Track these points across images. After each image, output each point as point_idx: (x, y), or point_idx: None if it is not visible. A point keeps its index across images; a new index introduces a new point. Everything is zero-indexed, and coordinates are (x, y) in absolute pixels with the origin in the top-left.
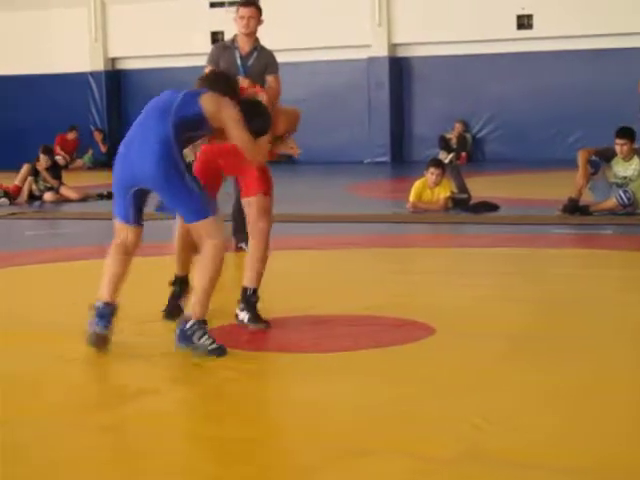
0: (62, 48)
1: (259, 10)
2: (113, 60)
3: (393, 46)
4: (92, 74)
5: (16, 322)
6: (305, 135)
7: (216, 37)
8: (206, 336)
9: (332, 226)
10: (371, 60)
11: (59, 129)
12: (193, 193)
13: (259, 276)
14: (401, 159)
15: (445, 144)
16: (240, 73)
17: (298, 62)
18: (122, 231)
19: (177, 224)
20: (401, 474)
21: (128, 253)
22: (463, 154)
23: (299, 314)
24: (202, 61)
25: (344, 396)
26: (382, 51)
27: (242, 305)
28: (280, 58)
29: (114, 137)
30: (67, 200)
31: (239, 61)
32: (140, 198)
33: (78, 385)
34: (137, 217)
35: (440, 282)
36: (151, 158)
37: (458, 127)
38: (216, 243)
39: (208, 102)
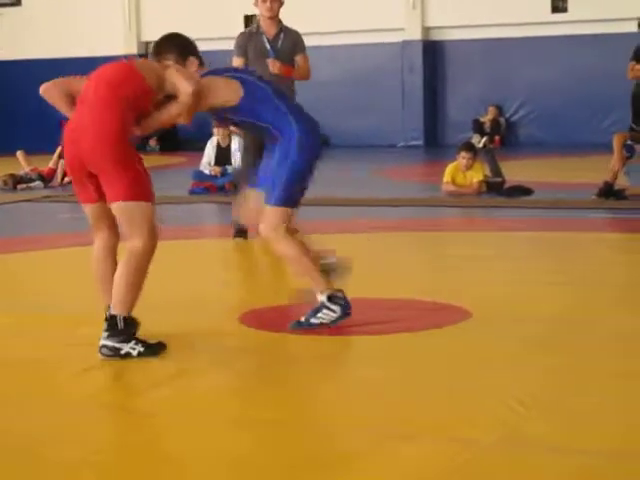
0: (96, 31)
1: None
2: (147, 43)
3: (427, 29)
4: (126, 57)
5: (52, 305)
6: (338, 118)
7: (249, 21)
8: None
9: (365, 209)
10: (405, 43)
11: None
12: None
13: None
14: (435, 143)
15: (479, 128)
16: (270, 55)
17: (332, 45)
18: None
19: None
20: (442, 458)
21: None
22: (497, 138)
23: None
24: (232, 44)
25: (382, 380)
26: (416, 34)
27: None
28: (313, 41)
29: None
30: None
31: (268, 45)
32: None
33: (117, 368)
34: None
35: (475, 266)
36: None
37: (492, 111)
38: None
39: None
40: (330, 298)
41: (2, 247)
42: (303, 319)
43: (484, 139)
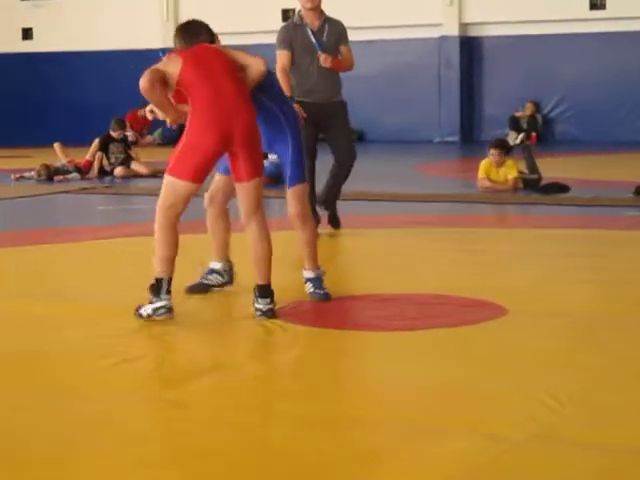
0: (134, 24)
1: None
2: None
3: (464, 25)
4: (164, 51)
5: (88, 296)
6: (375, 113)
7: (287, 15)
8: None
9: (401, 205)
10: (442, 39)
11: (130, 106)
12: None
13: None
14: (471, 139)
15: (515, 124)
16: (317, 49)
17: (369, 40)
18: None
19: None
20: (474, 454)
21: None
22: (533, 134)
23: (369, 293)
24: (273, 39)
25: (416, 375)
26: (453, 30)
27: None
28: (351, 36)
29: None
30: (137, 175)
31: (312, 38)
32: None
33: (153, 359)
34: None
35: (510, 263)
36: None
37: (529, 107)
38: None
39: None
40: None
41: (39, 238)
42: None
43: (521, 135)
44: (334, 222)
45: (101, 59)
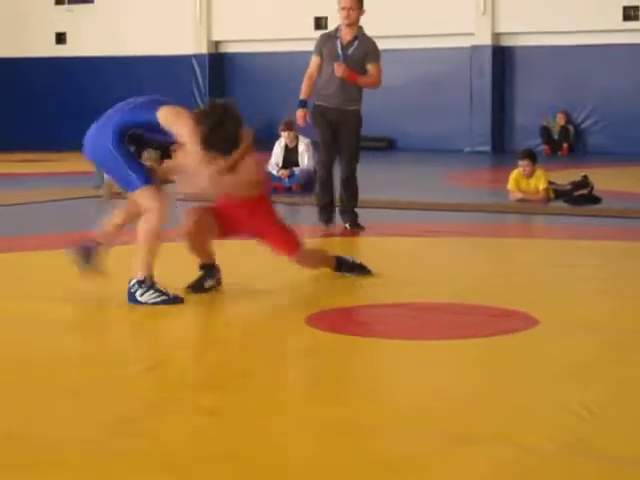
0: (167, 30)
1: (360, 1)
2: (216, 43)
3: (497, 35)
4: (196, 57)
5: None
6: (406, 122)
7: (319, 22)
8: (149, 292)
9: (432, 214)
10: (474, 48)
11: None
12: (125, 167)
13: None
14: (502, 149)
15: (546, 134)
16: (339, 59)
17: (401, 49)
18: None
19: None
20: (506, 464)
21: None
22: (565, 145)
23: (400, 301)
24: (305, 46)
25: (447, 384)
26: (485, 40)
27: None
28: (383, 45)
29: None
30: (168, 182)
31: (340, 50)
32: None
33: (183, 364)
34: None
35: (541, 273)
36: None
37: (560, 118)
38: (149, 208)
39: (163, 116)
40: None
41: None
42: None
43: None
44: (354, 226)
45: (133, 64)
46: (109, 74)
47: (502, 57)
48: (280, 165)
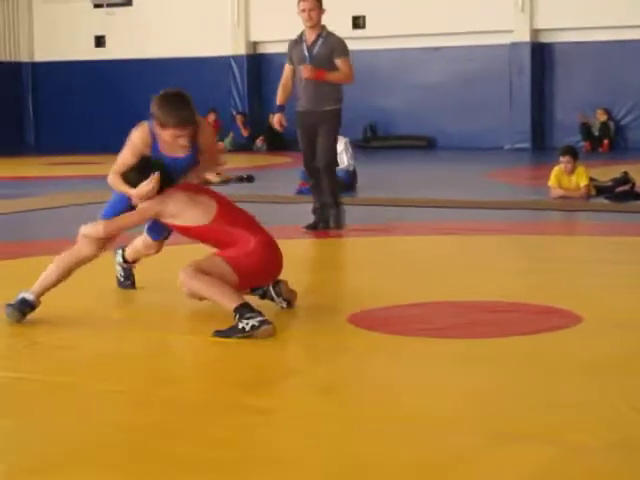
0: (205, 31)
1: (319, 0)
2: (255, 44)
3: (535, 31)
4: (234, 58)
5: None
6: (445, 120)
7: (357, 22)
8: None
9: (472, 212)
10: (513, 45)
11: (201, 112)
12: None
13: None
14: (542, 145)
15: (587, 131)
16: (306, 61)
17: (439, 47)
18: None
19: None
20: (551, 461)
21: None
22: (605, 141)
23: (441, 299)
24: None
25: (491, 382)
26: (524, 36)
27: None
28: (421, 43)
29: (255, 121)
30: (208, 182)
31: (306, 52)
32: None
33: (229, 364)
34: None
35: (584, 270)
36: None
37: (601, 114)
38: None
39: None
40: None
41: None
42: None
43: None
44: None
45: (171, 66)
46: (147, 76)
47: (541, 54)
48: None
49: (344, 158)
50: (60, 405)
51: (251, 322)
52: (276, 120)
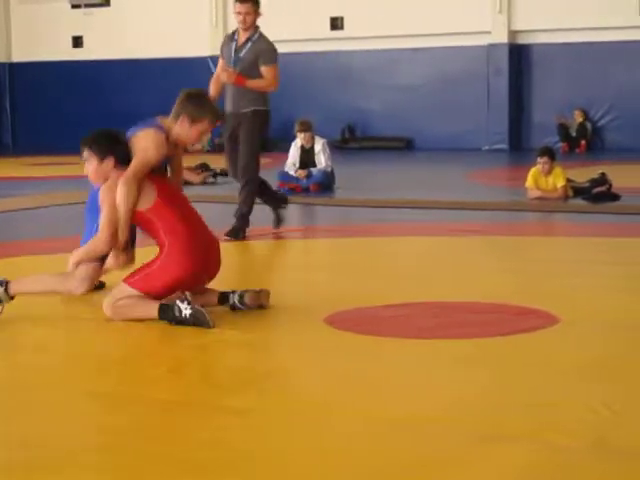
0: (183, 32)
1: (256, 4)
2: None
3: (513, 33)
4: (212, 58)
5: None
6: (423, 121)
7: (336, 23)
8: None
9: (450, 213)
10: (491, 47)
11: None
12: None
13: None
14: (520, 146)
15: (564, 132)
16: (231, 63)
17: (417, 48)
18: None
19: None
20: (533, 462)
21: None
22: (582, 142)
23: (420, 300)
24: (321, 47)
25: (470, 383)
26: (502, 38)
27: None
28: (399, 44)
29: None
30: (188, 183)
31: (233, 53)
32: None
33: (204, 367)
34: None
35: (560, 271)
36: None
37: (578, 115)
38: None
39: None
40: None
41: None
42: None
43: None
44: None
45: (150, 66)
46: (125, 77)
47: (519, 55)
48: (297, 166)
49: (322, 159)
50: (40, 407)
51: (184, 312)
52: None
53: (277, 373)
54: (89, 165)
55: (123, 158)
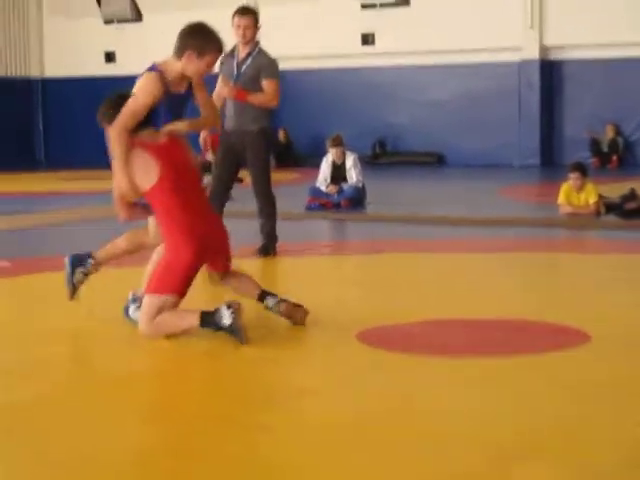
0: None
1: (256, 18)
2: None
3: (545, 48)
4: None
5: None
6: (455, 136)
7: (367, 39)
8: None
9: (482, 229)
10: (522, 62)
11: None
12: None
13: None
14: (551, 162)
15: (596, 147)
16: (232, 79)
17: (449, 64)
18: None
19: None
20: None
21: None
22: (614, 157)
23: (451, 317)
24: (353, 62)
25: (502, 401)
26: (533, 53)
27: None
28: (431, 60)
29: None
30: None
31: (235, 69)
32: None
33: (236, 383)
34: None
35: (592, 288)
36: None
37: (610, 130)
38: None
39: None
40: None
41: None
42: None
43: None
44: (262, 251)
45: None
46: None
47: (550, 70)
48: (328, 181)
49: (353, 174)
50: (69, 425)
51: (224, 320)
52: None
53: (309, 390)
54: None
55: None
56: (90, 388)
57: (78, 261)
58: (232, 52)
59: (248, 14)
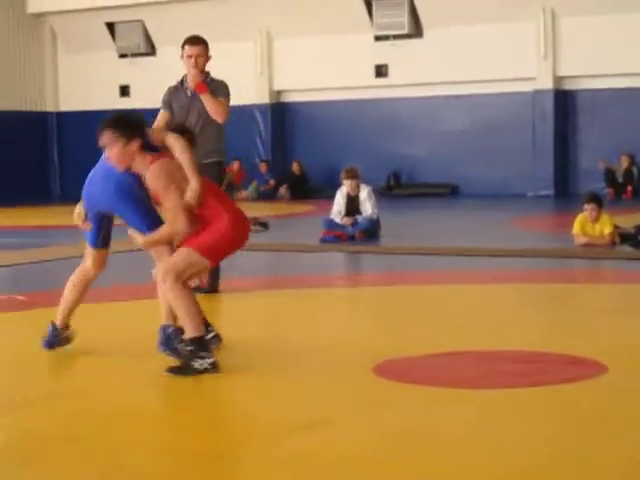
0: (228, 80)
1: (207, 47)
2: (278, 93)
3: (558, 79)
4: (257, 107)
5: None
6: (468, 167)
7: (380, 70)
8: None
9: (497, 260)
10: (536, 93)
11: (225, 161)
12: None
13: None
14: (565, 192)
15: (610, 177)
16: (189, 105)
17: (462, 95)
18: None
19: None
20: None
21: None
22: (629, 188)
23: (466, 349)
24: (366, 94)
25: (514, 434)
26: (547, 84)
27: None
28: (444, 91)
29: (278, 169)
30: None
31: (188, 96)
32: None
33: (253, 413)
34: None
35: (608, 319)
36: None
37: (624, 160)
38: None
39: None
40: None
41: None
42: None
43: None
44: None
45: None
46: None
47: (564, 100)
48: (343, 213)
49: (367, 206)
50: (82, 459)
51: (205, 364)
52: None
53: (324, 424)
54: (113, 148)
55: (147, 142)
56: (94, 421)
57: (52, 343)
58: (181, 85)
59: (199, 43)
